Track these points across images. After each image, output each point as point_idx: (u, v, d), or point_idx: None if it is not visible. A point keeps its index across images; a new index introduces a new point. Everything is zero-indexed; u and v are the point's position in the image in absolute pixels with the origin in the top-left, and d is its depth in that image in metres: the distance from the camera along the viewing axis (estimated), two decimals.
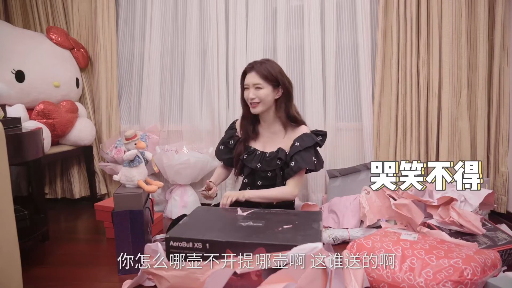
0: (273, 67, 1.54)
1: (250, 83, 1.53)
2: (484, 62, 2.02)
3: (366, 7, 2.14)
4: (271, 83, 1.53)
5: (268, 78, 1.51)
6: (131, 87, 2.42)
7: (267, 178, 1.60)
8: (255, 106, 1.54)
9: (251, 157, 1.61)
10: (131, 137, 1.44)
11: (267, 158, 1.58)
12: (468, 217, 1.45)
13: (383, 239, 1.27)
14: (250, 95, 1.53)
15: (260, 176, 1.60)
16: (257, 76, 1.51)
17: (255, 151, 1.61)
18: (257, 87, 1.51)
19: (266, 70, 1.51)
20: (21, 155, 1.39)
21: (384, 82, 2.15)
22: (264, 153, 1.60)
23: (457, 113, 2.07)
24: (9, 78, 1.90)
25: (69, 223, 2.16)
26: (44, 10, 2.39)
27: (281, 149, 1.58)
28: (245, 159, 1.61)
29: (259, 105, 1.54)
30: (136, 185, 1.48)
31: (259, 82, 1.51)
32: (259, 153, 1.60)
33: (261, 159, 1.59)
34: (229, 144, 1.68)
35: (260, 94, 1.52)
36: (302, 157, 1.53)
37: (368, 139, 2.19)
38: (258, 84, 1.51)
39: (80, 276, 1.41)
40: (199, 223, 1.35)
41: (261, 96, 1.52)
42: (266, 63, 1.55)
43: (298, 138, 1.57)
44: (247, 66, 1.57)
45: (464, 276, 1.04)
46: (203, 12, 2.27)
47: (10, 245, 1.05)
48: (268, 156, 1.59)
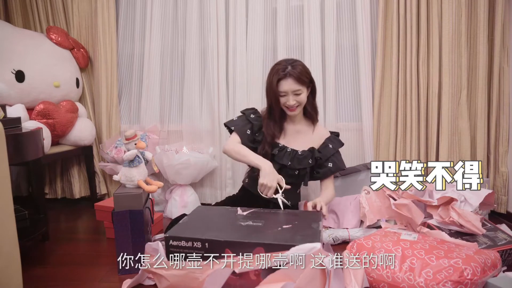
0: (304, 68, 1.54)
1: (288, 90, 1.50)
2: (484, 62, 2.02)
3: (366, 7, 2.14)
4: (306, 85, 1.54)
5: (304, 82, 1.51)
6: (131, 87, 2.42)
7: (294, 176, 1.59)
8: (294, 109, 1.55)
9: (282, 153, 1.58)
10: (131, 137, 1.44)
11: (300, 156, 1.58)
12: (468, 217, 1.45)
13: (383, 239, 1.27)
14: (290, 102, 1.51)
15: (287, 174, 1.57)
16: (294, 83, 1.49)
17: (285, 148, 1.59)
18: (296, 93, 1.51)
19: (302, 74, 1.50)
20: (21, 155, 1.39)
21: (384, 82, 2.15)
22: (295, 151, 1.59)
23: (457, 113, 2.07)
24: (9, 78, 1.90)
25: (69, 223, 2.16)
26: (44, 10, 2.39)
27: (314, 149, 1.60)
28: (276, 155, 1.57)
29: (298, 108, 1.56)
30: (136, 185, 1.48)
31: (299, 88, 1.50)
32: (289, 150, 1.59)
33: (292, 156, 1.58)
34: (256, 135, 1.62)
35: (301, 99, 1.53)
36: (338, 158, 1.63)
37: (368, 139, 2.19)
38: (298, 90, 1.50)
39: (80, 276, 1.41)
40: (199, 222, 1.35)
41: (301, 101, 1.54)
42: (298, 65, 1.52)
43: (329, 140, 1.63)
44: (281, 74, 1.50)
45: (464, 276, 1.04)
46: (203, 12, 2.27)
47: (10, 245, 1.05)
48: (300, 154, 1.58)
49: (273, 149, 1.58)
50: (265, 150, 1.59)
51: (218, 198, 2.26)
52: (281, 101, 1.55)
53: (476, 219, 1.46)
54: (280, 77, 1.50)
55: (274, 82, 1.51)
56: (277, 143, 1.61)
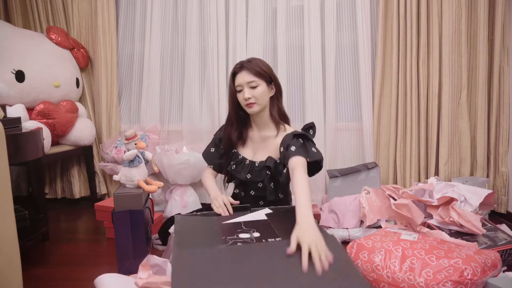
0: (263, 63, 1.42)
1: (243, 82, 1.38)
2: (484, 62, 2.02)
3: (366, 7, 2.14)
4: (265, 79, 1.40)
5: (261, 74, 1.39)
6: (131, 87, 2.42)
7: (258, 189, 1.45)
8: (251, 105, 1.38)
9: (240, 167, 1.45)
10: (131, 137, 1.45)
11: (256, 168, 1.42)
12: (468, 217, 1.45)
13: (383, 239, 1.27)
14: (245, 95, 1.37)
15: (251, 186, 1.46)
16: (249, 74, 1.38)
17: (243, 161, 1.46)
18: (252, 86, 1.38)
19: (258, 67, 1.39)
20: (21, 155, 1.39)
21: (384, 82, 2.15)
22: (253, 163, 1.44)
23: (457, 113, 2.07)
24: (9, 78, 1.90)
25: (69, 223, 2.16)
26: (44, 10, 2.39)
27: (270, 157, 1.41)
28: (233, 170, 1.45)
29: (256, 104, 1.39)
30: (136, 185, 1.48)
31: (253, 79, 1.37)
32: (248, 162, 1.45)
33: (251, 169, 1.43)
34: (220, 149, 1.52)
35: (256, 92, 1.37)
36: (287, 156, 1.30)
37: (368, 139, 2.19)
38: (252, 82, 1.37)
39: (80, 276, 1.41)
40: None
41: (257, 95, 1.38)
42: (254, 60, 1.42)
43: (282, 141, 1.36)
44: (235, 67, 1.40)
45: (464, 276, 1.04)
46: (203, 12, 2.27)
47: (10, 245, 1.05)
48: (257, 166, 1.42)
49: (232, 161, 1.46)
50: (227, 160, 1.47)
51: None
52: (239, 97, 1.42)
53: (476, 219, 1.46)
54: (235, 71, 1.42)
55: (230, 78, 1.44)
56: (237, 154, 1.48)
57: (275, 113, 1.45)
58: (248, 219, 1.23)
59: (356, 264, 1.24)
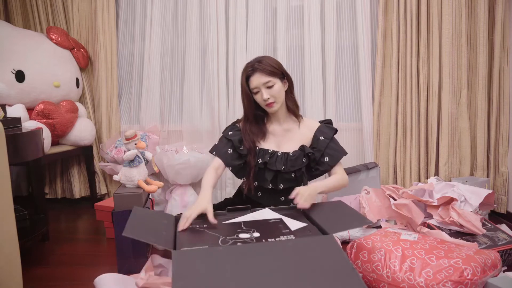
0: (272, 61, 1.46)
1: (259, 84, 1.43)
2: (484, 62, 2.02)
3: (366, 7, 2.14)
4: (278, 77, 1.45)
5: (274, 73, 1.43)
6: (131, 87, 2.42)
7: (291, 180, 1.48)
8: (271, 105, 1.44)
9: (274, 159, 1.47)
10: (131, 137, 1.45)
11: (292, 158, 1.46)
12: (468, 217, 1.45)
13: (383, 239, 1.27)
14: (264, 96, 1.42)
15: (284, 178, 1.48)
16: (263, 75, 1.42)
17: (276, 153, 1.49)
18: (268, 86, 1.43)
19: (270, 66, 1.43)
20: (21, 155, 1.39)
21: (384, 82, 2.15)
22: (287, 154, 1.48)
23: (457, 113, 2.07)
24: (9, 78, 1.90)
25: (69, 223, 2.16)
26: (44, 10, 2.39)
27: (305, 146, 1.48)
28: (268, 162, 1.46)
29: (275, 103, 1.44)
30: (136, 185, 1.48)
31: (269, 79, 1.42)
32: (280, 154, 1.48)
33: (285, 160, 1.47)
34: (241, 149, 1.50)
35: (274, 91, 1.43)
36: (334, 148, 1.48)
37: (368, 139, 2.19)
38: (268, 82, 1.42)
39: (80, 276, 1.41)
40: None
41: (275, 93, 1.43)
42: (264, 59, 1.46)
43: (319, 131, 1.49)
44: (248, 70, 1.46)
45: (464, 276, 1.04)
46: (203, 12, 2.27)
47: (10, 245, 1.05)
48: (292, 155, 1.47)
49: (264, 156, 1.48)
50: (253, 162, 1.47)
51: (218, 198, 2.26)
52: (257, 99, 1.47)
53: (476, 219, 1.46)
54: (248, 74, 1.45)
55: (244, 81, 1.46)
56: (263, 149, 1.51)
57: (292, 105, 1.53)
58: (248, 219, 1.23)
59: (355, 265, 1.25)
